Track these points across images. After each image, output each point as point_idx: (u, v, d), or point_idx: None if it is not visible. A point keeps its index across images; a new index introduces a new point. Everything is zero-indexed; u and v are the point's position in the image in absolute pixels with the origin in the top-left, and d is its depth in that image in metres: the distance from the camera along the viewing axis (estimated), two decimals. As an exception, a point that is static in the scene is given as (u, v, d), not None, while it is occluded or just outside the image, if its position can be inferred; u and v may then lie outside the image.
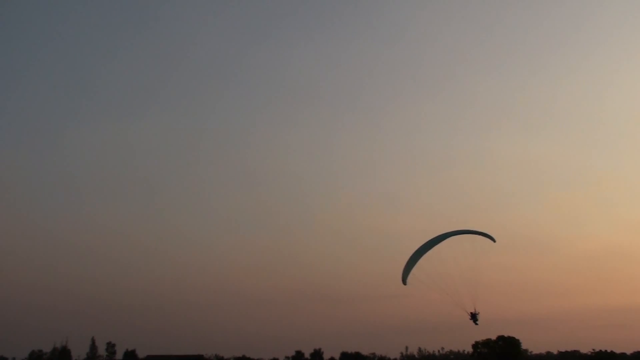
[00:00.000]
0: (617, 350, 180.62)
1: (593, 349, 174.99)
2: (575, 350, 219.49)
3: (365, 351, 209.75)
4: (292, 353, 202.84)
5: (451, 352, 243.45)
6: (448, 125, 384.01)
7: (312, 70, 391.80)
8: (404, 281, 54.73)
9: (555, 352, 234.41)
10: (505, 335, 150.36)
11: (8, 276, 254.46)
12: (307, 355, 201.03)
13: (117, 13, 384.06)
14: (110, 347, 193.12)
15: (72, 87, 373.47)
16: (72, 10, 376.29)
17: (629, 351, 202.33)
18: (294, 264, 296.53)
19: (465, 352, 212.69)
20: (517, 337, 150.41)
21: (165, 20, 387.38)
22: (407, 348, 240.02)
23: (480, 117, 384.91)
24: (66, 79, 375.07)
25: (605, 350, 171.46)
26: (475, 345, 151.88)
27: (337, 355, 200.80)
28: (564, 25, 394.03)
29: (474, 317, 53.86)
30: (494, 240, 54.69)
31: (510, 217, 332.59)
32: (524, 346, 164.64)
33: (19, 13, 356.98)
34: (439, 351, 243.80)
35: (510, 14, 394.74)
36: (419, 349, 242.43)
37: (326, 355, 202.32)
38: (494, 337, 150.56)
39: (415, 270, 54.24)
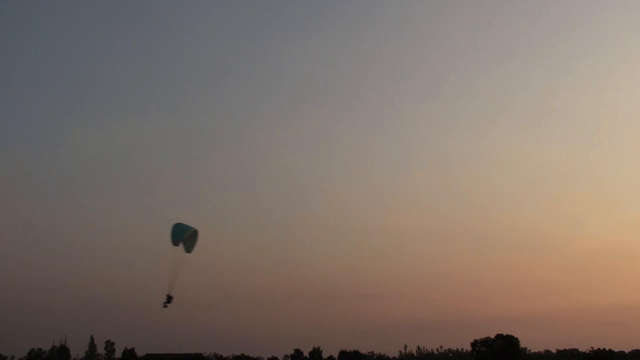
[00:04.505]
0: (616, 349, 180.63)
1: (592, 348, 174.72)
2: (574, 349, 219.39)
3: (364, 350, 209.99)
4: (291, 352, 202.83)
5: (450, 350, 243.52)
6: (447, 125, 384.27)
7: (310, 68, 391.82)
8: (176, 243, 55.49)
9: (554, 351, 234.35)
10: (504, 333, 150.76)
11: (7, 275, 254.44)
12: (306, 353, 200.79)
13: (112, 12, 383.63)
14: (109, 345, 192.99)
15: (67, 87, 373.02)
16: (69, 9, 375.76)
17: (627, 349, 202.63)
18: (293, 262, 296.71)
19: (464, 350, 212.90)
20: (515, 336, 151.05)
21: (161, 19, 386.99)
22: (405, 347, 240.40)
23: (480, 116, 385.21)
24: (62, 78, 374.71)
25: (604, 349, 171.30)
26: (474, 344, 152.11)
27: (335, 354, 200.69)
28: (564, 24, 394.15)
29: (168, 299, 55.10)
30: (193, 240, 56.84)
31: (510, 216, 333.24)
32: (522, 345, 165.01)
33: (14, 12, 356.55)
34: (437, 350, 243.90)
35: (510, 12, 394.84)
36: (418, 348, 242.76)
37: (325, 354, 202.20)
38: (492, 336, 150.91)
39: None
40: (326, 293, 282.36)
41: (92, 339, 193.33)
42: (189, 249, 56.99)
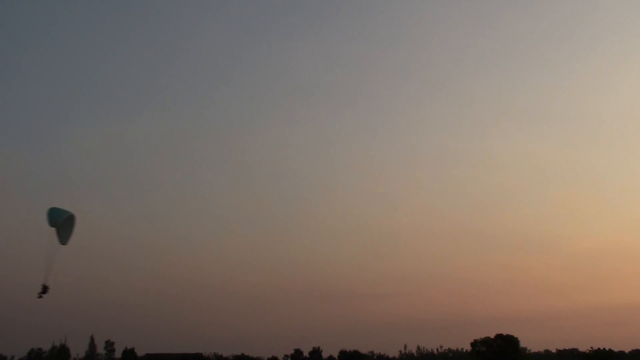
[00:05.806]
0: (616, 349, 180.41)
1: (591, 347, 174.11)
2: (573, 349, 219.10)
3: (364, 349, 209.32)
4: (290, 351, 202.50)
5: (450, 350, 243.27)
6: (448, 124, 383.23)
7: (311, 68, 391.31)
8: (54, 224, 54.11)
9: (553, 351, 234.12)
10: (504, 333, 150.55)
11: (7, 275, 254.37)
12: (306, 353, 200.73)
13: (113, 11, 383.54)
14: (109, 345, 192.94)
15: (67, 87, 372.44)
16: (70, 9, 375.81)
17: (627, 349, 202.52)
18: (293, 262, 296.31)
19: (464, 350, 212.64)
20: (515, 336, 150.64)
21: (161, 18, 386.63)
22: (405, 346, 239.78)
23: (480, 115, 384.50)
24: (62, 79, 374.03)
25: (604, 349, 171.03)
26: (474, 344, 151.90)
27: (335, 354, 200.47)
28: (565, 24, 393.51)
29: (44, 289, 53.37)
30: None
31: (510, 215, 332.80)
32: (522, 344, 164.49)
33: (16, 12, 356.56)
34: (437, 349, 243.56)
35: (511, 12, 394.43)
36: (418, 347, 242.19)
37: (325, 354, 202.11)
38: (492, 336, 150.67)
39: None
40: (326, 293, 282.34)
41: (92, 338, 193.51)
42: (64, 239, 54.04)
